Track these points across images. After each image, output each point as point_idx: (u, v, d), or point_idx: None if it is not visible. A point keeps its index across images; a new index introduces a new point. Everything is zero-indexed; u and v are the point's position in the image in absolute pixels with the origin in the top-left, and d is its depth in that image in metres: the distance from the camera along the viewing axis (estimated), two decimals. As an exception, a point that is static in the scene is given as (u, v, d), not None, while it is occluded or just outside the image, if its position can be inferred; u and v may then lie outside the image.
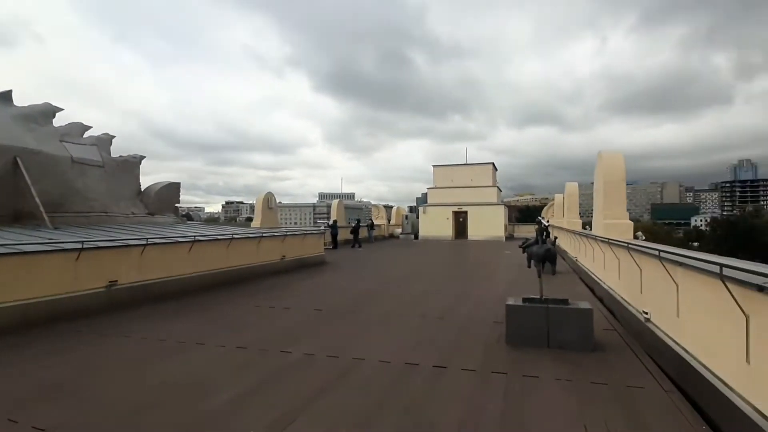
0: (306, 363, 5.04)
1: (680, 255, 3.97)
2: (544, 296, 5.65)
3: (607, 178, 8.58)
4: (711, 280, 3.35)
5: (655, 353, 4.73)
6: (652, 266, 5.02)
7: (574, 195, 17.95)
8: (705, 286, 3.48)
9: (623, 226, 8.50)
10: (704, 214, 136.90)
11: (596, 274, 8.78)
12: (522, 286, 10.37)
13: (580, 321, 5.26)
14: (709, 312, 3.46)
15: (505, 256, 18.94)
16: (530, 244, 6.08)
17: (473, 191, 34.16)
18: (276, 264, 13.48)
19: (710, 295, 3.38)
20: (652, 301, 5.04)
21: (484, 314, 7.29)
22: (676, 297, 4.16)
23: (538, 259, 5.74)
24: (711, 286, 3.34)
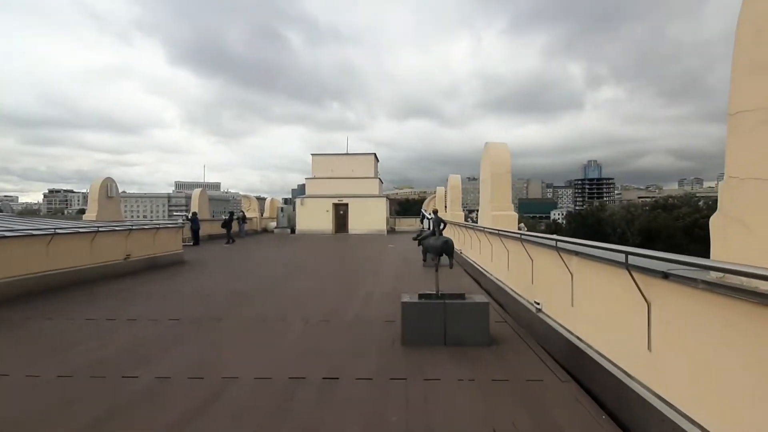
0: (159, 389, 4.13)
1: (578, 244, 4.27)
2: (440, 291, 5.66)
3: (494, 169, 9.23)
4: (610, 269, 3.59)
5: (547, 343, 5.07)
6: (545, 256, 5.39)
7: (457, 187, 19.35)
8: (603, 274, 3.74)
9: (509, 218, 9.25)
10: (561, 209, 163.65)
11: (483, 265, 9.39)
12: (409, 280, 10.61)
13: (478, 315, 5.39)
14: (606, 301, 3.72)
15: (388, 249, 19.44)
16: (426, 236, 6.06)
17: (354, 182, 34.50)
18: (118, 265, 11.42)
19: (608, 284, 3.63)
20: (544, 292, 5.43)
21: (375, 313, 7.12)
22: (571, 287, 4.47)
23: (436, 251, 5.72)
24: (609, 275, 3.58)
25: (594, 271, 3.93)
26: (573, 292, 4.44)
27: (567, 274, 4.53)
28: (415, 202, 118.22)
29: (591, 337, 4.04)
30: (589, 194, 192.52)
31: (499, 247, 7.79)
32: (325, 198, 33.25)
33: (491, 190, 9.24)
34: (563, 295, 4.66)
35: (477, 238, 10.11)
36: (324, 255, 18.22)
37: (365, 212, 32.91)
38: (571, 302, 4.46)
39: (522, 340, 5.49)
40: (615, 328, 3.56)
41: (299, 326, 6.36)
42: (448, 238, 5.74)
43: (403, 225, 39.59)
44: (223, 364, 4.79)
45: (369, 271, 12.56)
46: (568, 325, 4.56)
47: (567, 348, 4.47)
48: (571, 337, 4.41)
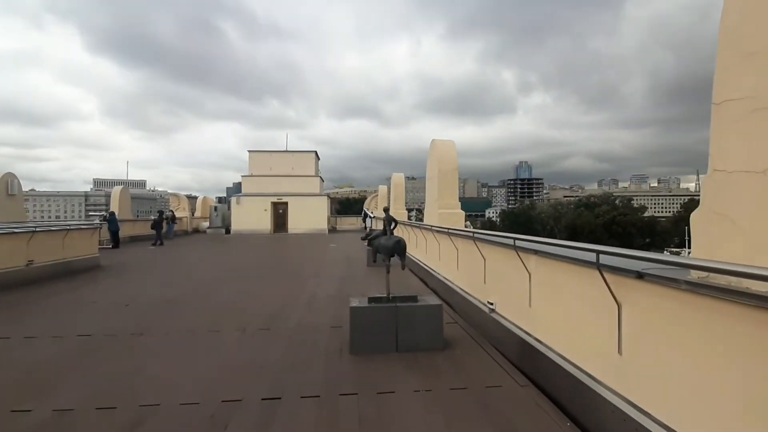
0: (59, 425, 3.38)
1: (538, 242, 4.09)
2: (390, 294, 5.31)
3: (441, 166, 9.08)
4: (575, 268, 3.42)
5: (502, 345, 4.89)
6: (498, 255, 5.21)
7: (401, 185, 19.23)
8: (567, 274, 3.56)
9: (456, 215, 9.14)
10: (495, 207, 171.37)
11: (430, 265, 9.20)
12: (354, 281, 10.20)
13: (431, 318, 5.10)
14: (571, 302, 3.55)
15: (331, 249, 18.89)
16: (376, 235, 5.65)
17: (294, 181, 33.45)
18: (17, 272, 9.88)
19: (574, 284, 3.45)
20: (497, 292, 5.26)
21: (319, 319, 6.62)
22: (529, 286, 4.30)
23: (387, 252, 5.35)
24: (576, 274, 3.40)
25: (556, 271, 3.75)
26: (531, 293, 4.26)
27: (524, 274, 4.35)
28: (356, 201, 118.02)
29: (552, 340, 3.87)
30: (521, 193, 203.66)
31: (448, 246, 7.61)
32: (264, 196, 31.87)
33: (438, 187, 9.08)
34: (520, 296, 4.49)
35: (423, 237, 9.92)
36: (262, 256, 17.26)
37: (306, 211, 31.98)
38: (528, 303, 4.29)
39: (476, 342, 5.28)
40: (580, 330, 3.39)
41: (235, 337, 5.71)
42: (401, 238, 5.39)
43: (344, 224, 39.06)
44: (141, 389, 4.07)
45: (311, 272, 11.96)
46: (525, 327, 4.38)
47: (524, 350, 4.29)
48: (529, 339, 4.24)
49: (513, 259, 4.61)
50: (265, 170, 33.45)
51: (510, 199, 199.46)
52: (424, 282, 9.61)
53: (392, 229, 5.50)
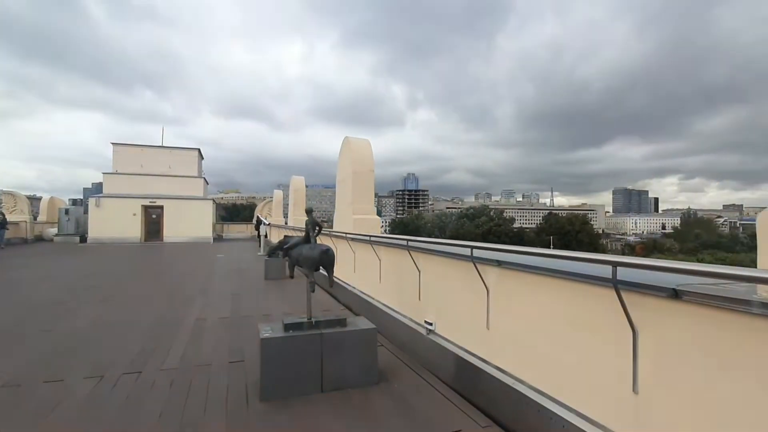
0: None
1: (503, 251, 3.44)
2: (312, 317, 4.26)
3: (356, 167, 8.23)
4: (564, 284, 2.81)
5: (449, 375, 4.16)
6: (439, 267, 4.51)
7: (301, 190, 17.86)
8: (550, 292, 2.95)
9: (372, 222, 8.34)
10: (385, 216, 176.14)
11: (341, 277, 8.24)
12: (251, 298, 8.77)
13: (364, 347, 4.17)
14: (554, 325, 2.93)
15: (218, 260, 16.74)
16: (295, 244, 4.54)
17: (173, 181, 29.77)
18: None
19: (563, 304, 2.84)
20: (439, 310, 4.54)
21: (212, 352, 5.24)
22: (487, 305, 3.63)
23: (312, 264, 4.28)
24: (570, 292, 2.80)
25: (531, 286, 3.13)
26: (489, 312, 3.60)
27: (481, 290, 3.68)
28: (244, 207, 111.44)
29: (521, 369, 3.22)
30: (409, 204, 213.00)
31: (367, 256, 6.76)
32: (132, 198, 27.60)
33: (352, 191, 8.20)
34: (473, 316, 3.81)
35: (334, 245, 8.92)
36: (130, 270, 14.46)
37: (186, 216, 28.49)
38: (486, 324, 3.62)
39: (414, 372, 4.48)
40: (568, 360, 2.77)
41: (86, 388, 4.08)
42: (328, 247, 4.37)
43: (232, 231, 35.93)
44: None
45: (196, 288, 10.10)
46: (481, 353, 3.71)
47: (481, 381, 3.61)
48: (487, 368, 3.56)
49: (463, 271, 3.94)
50: (135, 168, 29.08)
51: (399, 209, 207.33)
52: (335, 297, 8.62)
53: (315, 235, 4.45)
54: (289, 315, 5.12)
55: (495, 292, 3.57)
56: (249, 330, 6.28)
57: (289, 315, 5.12)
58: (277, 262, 11.69)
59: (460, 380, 3.98)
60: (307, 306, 4.31)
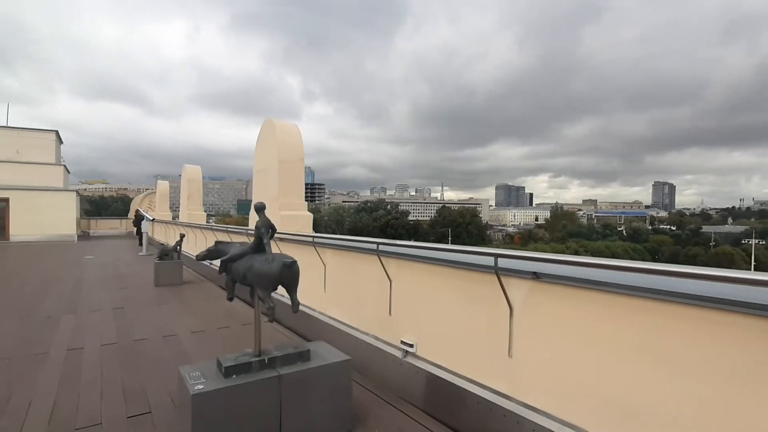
0: None
1: (528, 258, 2.73)
2: (262, 351, 3.14)
3: (284, 155, 6.97)
4: (637, 303, 2.20)
5: (438, 408, 3.39)
6: (425, 276, 3.69)
7: (197, 180, 15.44)
8: (617, 312, 2.32)
9: (304, 219, 7.19)
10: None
11: None
12: (143, 313, 7.04)
13: (336, 386, 3.19)
14: (616, 353, 2.31)
15: (88, 264, 13.82)
16: (240, 254, 3.29)
17: (23, 169, 24.48)
18: None
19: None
20: (421, 328, 3.72)
21: (97, 401, 3.78)
22: (509, 326, 2.92)
23: (269, 284, 3.11)
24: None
25: (573, 303, 2.48)
26: (512, 336, 2.90)
27: (497, 306, 2.97)
28: (114, 199, 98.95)
29: (568, 412, 2.57)
30: (305, 197, 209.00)
31: (306, 259, 5.66)
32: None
33: (279, 182, 6.93)
34: (484, 339, 3.09)
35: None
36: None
37: (42, 210, 23.54)
38: (508, 350, 2.92)
39: (394, 407, 3.61)
40: (645, 398, 2.17)
41: None
42: (293, 259, 3.22)
43: (102, 228, 30.91)
44: None
45: (62, 304, 7.89)
46: (499, 386, 2.99)
47: (493, 421, 2.91)
48: (510, 406, 2.86)
49: (467, 282, 3.19)
50: (-35, 151, 23.15)
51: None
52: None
53: (268, 241, 3.28)
54: (228, 353, 3.88)
55: (523, 310, 2.87)
56: (147, 360, 4.82)
57: (228, 353, 3.88)
58: (170, 264, 9.82)
59: (458, 416, 3.23)
60: (256, 339, 3.18)
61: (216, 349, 5.26)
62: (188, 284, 9.94)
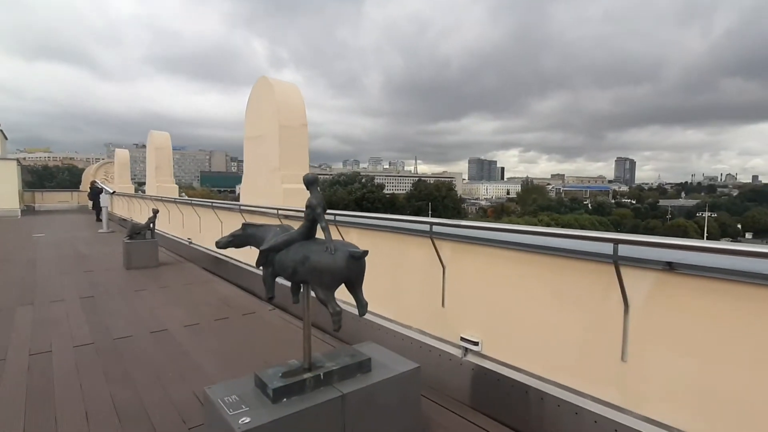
0: None
1: (659, 245, 2.20)
2: (311, 362, 2.52)
3: (285, 120, 6.11)
4: None
5: (517, 418, 2.90)
6: (486, 260, 3.13)
7: (166, 149, 14.06)
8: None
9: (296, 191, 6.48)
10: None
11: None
12: (119, 306, 6.21)
13: (405, 400, 2.63)
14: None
15: (40, 244, 12.49)
16: (285, 242, 2.53)
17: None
18: None
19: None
20: (487, 322, 3.18)
21: (81, 429, 3.08)
22: (624, 324, 2.41)
23: (332, 281, 2.40)
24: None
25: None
26: (627, 336, 2.40)
27: (612, 303, 2.46)
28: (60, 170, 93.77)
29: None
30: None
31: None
32: None
33: (280, 151, 6.10)
34: (595, 340, 2.58)
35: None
36: None
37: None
38: (621, 353, 2.42)
39: (458, 416, 3.09)
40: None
41: None
42: (359, 250, 2.50)
43: (50, 201, 28.69)
44: None
45: (15, 292, 6.91)
46: (609, 396, 2.51)
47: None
48: (622, 419, 2.39)
49: (565, 272, 2.66)
50: None
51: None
52: (251, 292, 6.65)
53: (327, 224, 2.58)
54: (266, 366, 3.23)
55: (647, 308, 2.36)
56: (138, 365, 4.11)
57: (266, 366, 3.23)
58: (144, 244, 8.89)
59: (547, 427, 2.75)
60: (305, 349, 2.54)
61: (221, 347, 4.59)
62: (166, 266, 9.06)
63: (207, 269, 8.67)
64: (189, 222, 10.18)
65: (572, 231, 2.63)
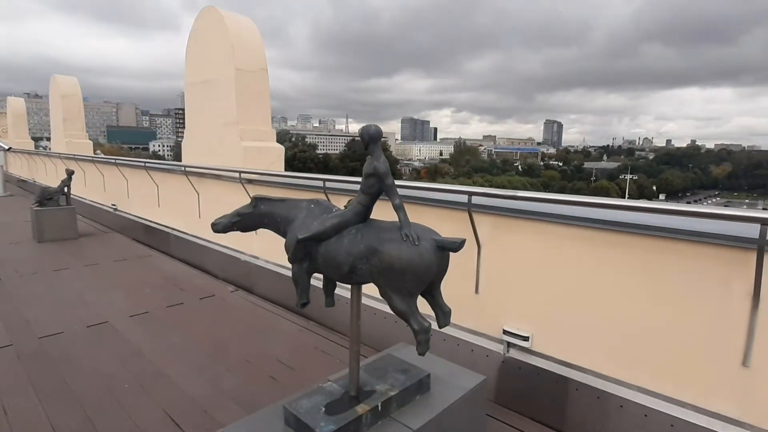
0: None
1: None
2: (358, 388, 1.89)
3: (240, 62, 4.90)
4: None
5: (585, 427, 2.50)
6: (534, 237, 2.62)
7: (75, 96, 11.75)
8: None
9: (274, 152, 5.48)
10: (162, 140, 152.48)
11: (263, 255, 5.31)
12: (36, 290, 5.06)
13: (471, 421, 2.10)
14: None
15: None
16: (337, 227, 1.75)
17: None
18: None
19: None
20: (536, 312, 2.70)
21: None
22: (749, 322, 2.02)
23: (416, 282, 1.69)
24: None
25: None
26: (754, 337, 2.02)
27: (730, 295, 2.05)
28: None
29: None
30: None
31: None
32: None
33: (237, 101, 5.03)
34: (703, 340, 2.18)
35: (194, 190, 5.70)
36: None
37: None
38: (742, 357, 2.04)
39: (508, 425, 2.64)
40: None
41: None
42: (450, 239, 1.81)
43: None
44: None
45: None
46: (721, 407, 2.14)
47: None
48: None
49: (653, 256, 2.21)
50: None
51: (179, 131, 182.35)
52: (193, 264, 5.74)
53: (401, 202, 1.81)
54: (292, 392, 2.51)
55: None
56: (81, 377, 3.22)
57: (292, 392, 2.51)
58: (58, 212, 7.47)
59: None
60: (351, 372, 1.88)
61: (183, 342, 3.77)
62: (88, 238, 7.72)
63: (140, 241, 7.49)
64: (113, 185, 8.72)
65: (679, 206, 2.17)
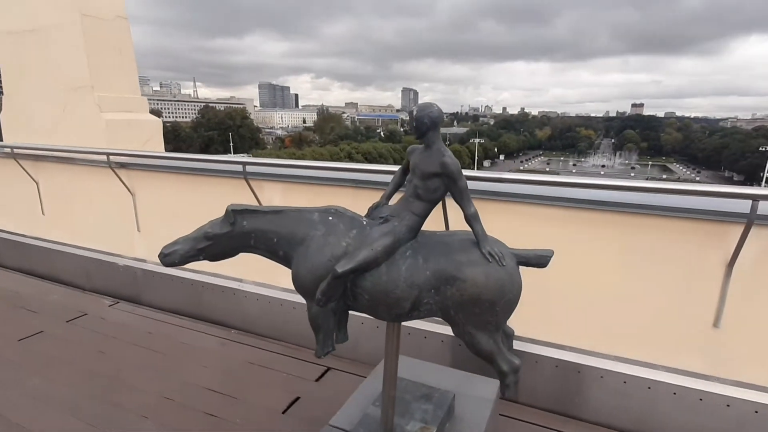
0: None
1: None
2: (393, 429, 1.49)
3: (89, 9, 3.65)
4: None
5: (565, 402, 2.47)
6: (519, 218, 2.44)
7: None
8: None
9: (151, 126, 4.29)
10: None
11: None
12: None
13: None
14: None
15: None
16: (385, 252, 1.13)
17: None
18: None
19: None
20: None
21: None
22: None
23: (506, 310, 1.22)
24: None
25: None
26: (725, 300, 2.11)
27: (704, 264, 2.11)
28: None
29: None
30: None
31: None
32: None
33: (88, 58, 3.69)
34: (678, 307, 2.23)
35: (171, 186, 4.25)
36: None
37: None
38: (714, 318, 2.14)
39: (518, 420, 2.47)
40: None
41: None
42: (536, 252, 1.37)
43: None
44: None
45: None
46: (692, 365, 2.23)
47: (689, 405, 2.21)
48: (707, 387, 2.18)
49: (636, 231, 2.19)
50: None
51: None
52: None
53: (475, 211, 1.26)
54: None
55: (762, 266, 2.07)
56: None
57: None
58: None
59: (587, 407, 2.40)
60: (387, 424, 1.45)
61: (58, 390, 2.82)
62: None
63: None
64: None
65: (669, 185, 2.14)
